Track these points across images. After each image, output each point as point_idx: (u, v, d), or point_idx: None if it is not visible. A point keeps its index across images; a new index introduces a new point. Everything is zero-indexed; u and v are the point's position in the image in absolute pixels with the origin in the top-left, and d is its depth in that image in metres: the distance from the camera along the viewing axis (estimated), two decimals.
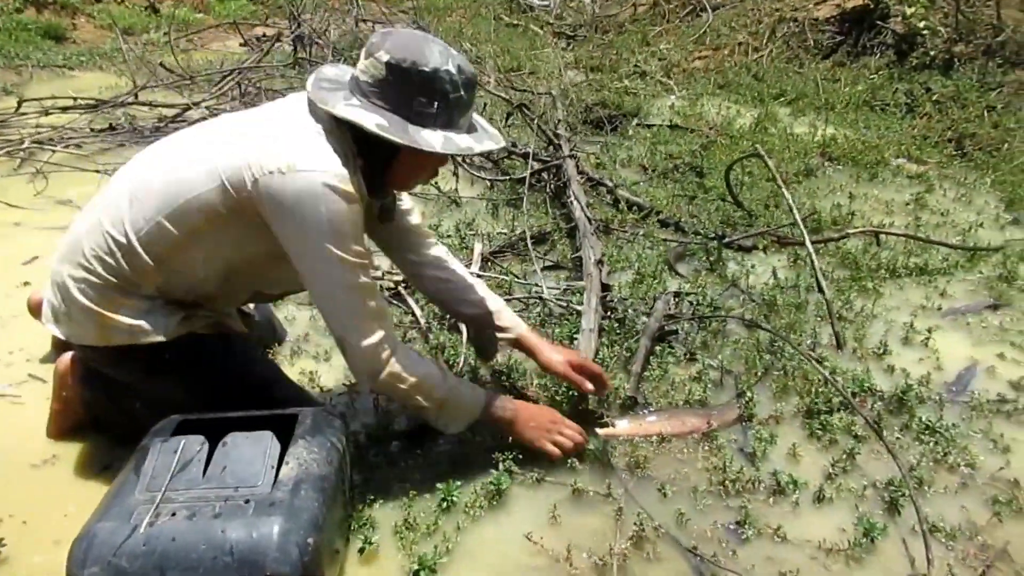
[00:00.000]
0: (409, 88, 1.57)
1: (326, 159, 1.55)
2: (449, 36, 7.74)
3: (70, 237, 1.75)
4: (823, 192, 3.94)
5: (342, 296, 1.63)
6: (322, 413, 1.68)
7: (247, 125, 1.68)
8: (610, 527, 1.75)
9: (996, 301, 2.83)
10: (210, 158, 1.60)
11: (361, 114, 1.56)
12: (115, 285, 1.67)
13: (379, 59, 1.56)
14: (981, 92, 5.29)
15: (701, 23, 7.82)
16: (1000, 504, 1.83)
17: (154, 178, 1.66)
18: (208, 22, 8.90)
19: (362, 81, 1.60)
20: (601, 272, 2.65)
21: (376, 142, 1.58)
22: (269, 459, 1.43)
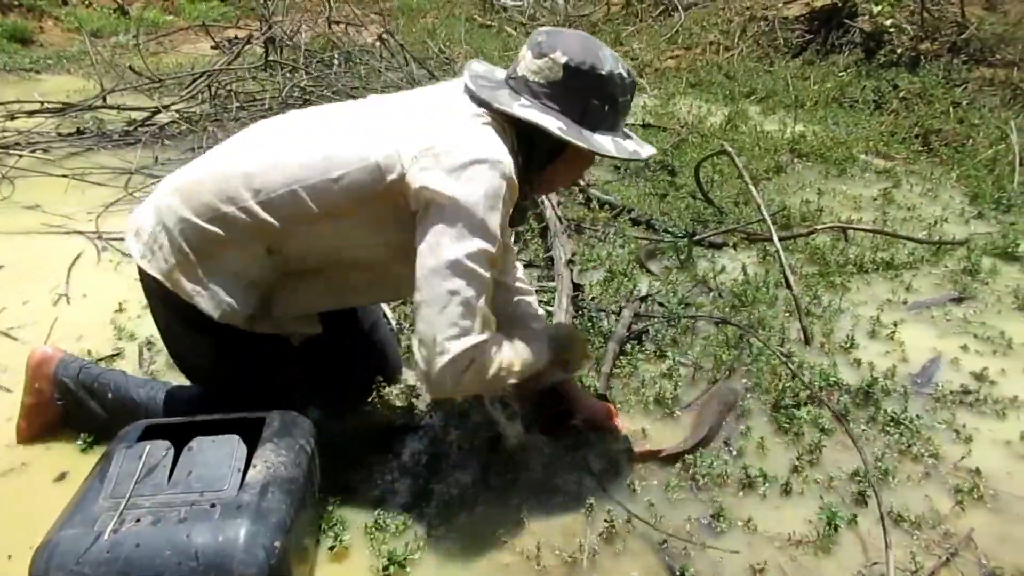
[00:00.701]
0: (585, 90, 1.57)
1: (496, 147, 1.52)
2: (422, 37, 7.74)
3: (191, 176, 1.66)
4: (792, 188, 3.98)
5: (464, 289, 1.49)
6: (290, 415, 1.67)
7: (406, 110, 1.65)
8: (580, 523, 1.76)
9: (960, 294, 2.88)
10: (364, 139, 1.56)
11: (541, 116, 1.55)
12: (220, 239, 1.59)
13: (556, 60, 1.55)
14: (946, 89, 5.39)
15: (673, 23, 7.88)
16: (962, 493, 1.87)
17: (297, 148, 1.59)
18: (178, 24, 8.81)
19: (532, 81, 1.59)
20: (572, 272, 2.66)
21: (540, 142, 1.59)
22: (236, 462, 1.43)
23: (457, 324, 1.50)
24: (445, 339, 1.50)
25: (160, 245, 1.62)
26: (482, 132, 1.54)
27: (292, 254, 1.63)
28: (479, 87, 1.60)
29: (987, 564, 1.67)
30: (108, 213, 3.56)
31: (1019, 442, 2.07)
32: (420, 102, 1.67)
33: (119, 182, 3.98)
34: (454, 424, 2.10)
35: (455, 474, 1.91)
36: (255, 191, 1.56)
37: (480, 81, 1.62)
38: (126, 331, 2.53)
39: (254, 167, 1.58)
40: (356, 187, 1.53)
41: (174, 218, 1.61)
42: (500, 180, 1.50)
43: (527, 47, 1.62)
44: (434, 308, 1.49)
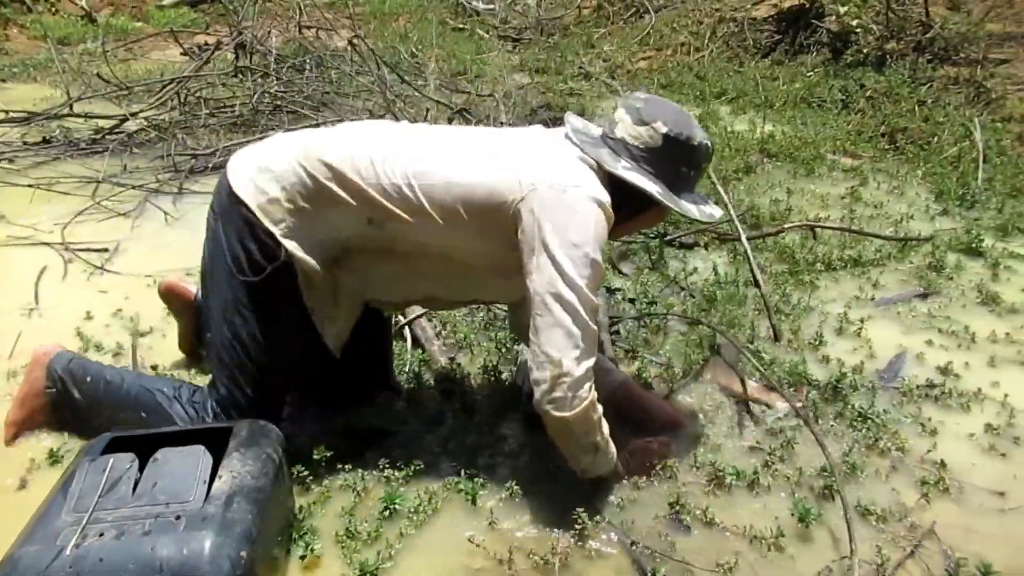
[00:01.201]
0: (679, 159, 1.75)
1: (602, 191, 1.67)
2: (394, 40, 7.71)
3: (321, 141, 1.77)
4: (762, 188, 4.02)
5: (582, 312, 1.61)
6: (258, 424, 1.67)
7: (519, 144, 1.79)
8: (551, 525, 1.77)
9: (925, 290, 2.92)
10: (483, 160, 1.70)
11: (642, 180, 1.71)
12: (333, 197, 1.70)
13: (657, 129, 1.72)
14: (912, 87, 5.46)
15: (644, 24, 7.92)
16: (928, 485, 1.90)
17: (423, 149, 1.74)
18: (147, 31, 8.70)
19: (632, 145, 1.74)
20: None
21: (632, 199, 1.74)
22: (201, 473, 1.42)
23: (580, 346, 1.62)
24: (571, 360, 1.61)
25: (272, 180, 1.71)
26: (591, 176, 1.69)
27: (389, 232, 1.73)
28: (582, 142, 1.75)
29: (951, 555, 1.70)
30: (75, 223, 3.52)
31: (983, 434, 2.11)
32: (530, 141, 1.82)
33: (86, 191, 3.93)
34: (427, 430, 2.10)
35: (427, 479, 1.91)
36: (377, 173, 1.68)
37: (582, 136, 1.77)
38: (93, 341, 2.50)
39: (383, 153, 1.71)
40: (469, 200, 1.67)
41: (296, 165, 1.71)
42: (605, 220, 1.65)
43: (626, 112, 1.76)
44: (559, 330, 1.61)
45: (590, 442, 1.74)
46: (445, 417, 2.14)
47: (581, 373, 1.62)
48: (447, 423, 2.13)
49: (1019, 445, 2.08)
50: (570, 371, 1.61)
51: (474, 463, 1.96)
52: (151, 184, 4.01)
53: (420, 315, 2.55)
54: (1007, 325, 2.68)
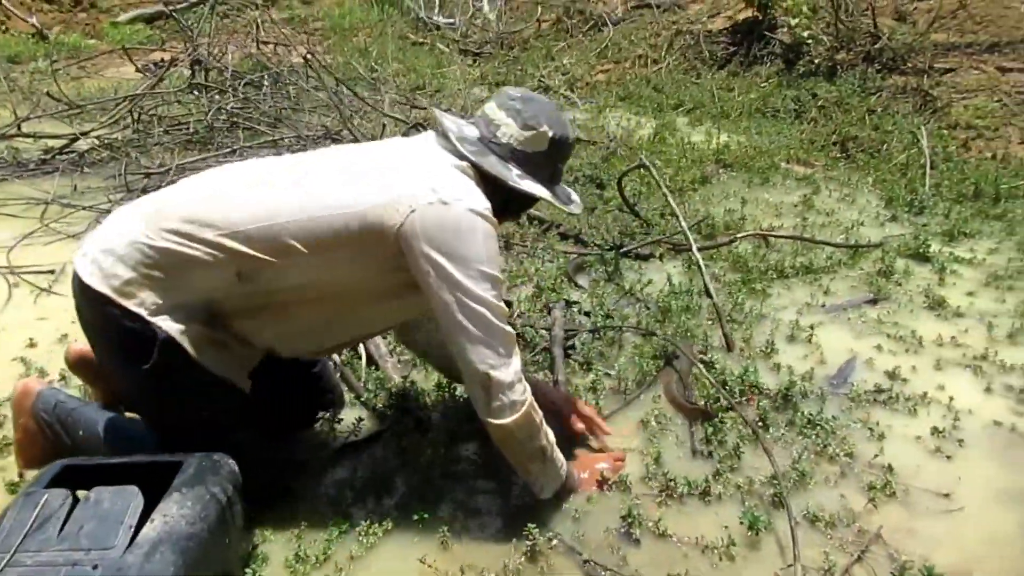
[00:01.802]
0: (559, 157, 1.83)
1: (478, 195, 1.66)
2: (354, 56, 7.69)
3: (164, 202, 1.70)
4: (717, 198, 4.08)
5: (495, 322, 1.62)
6: (209, 459, 1.61)
7: (393, 161, 1.74)
8: (504, 542, 1.76)
9: (875, 295, 2.98)
10: (350, 185, 1.64)
11: (536, 188, 1.76)
12: (189, 259, 1.60)
13: (543, 134, 1.74)
14: (862, 97, 5.59)
15: (603, 38, 8.01)
16: (875, 490, 1.92)
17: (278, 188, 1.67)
18: (101, 48, 8.58)
19: (519, 151, 1.75)
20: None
21: (516, 199, 1.78)
22: (130, 517, 1.36)
23: (500, 353, 1.63)
24: (496, 369, 1.63)
25: (117, 262, 1.61)
26: (468, 185, 1.68)
27: (263, 284, 1.64)
28: (468, 151, 1.72)
29: (897, 558, 1.72)
30: (22, 246, 3.44)
31: (929, 437, 2.15)
32: (400, 155, 1.78)
33: (35, 213, 3.85)
34: (380, 448, 2.08)
35: (378, 499, 1.89)
36: (231, 221, 1.60)
37: (465, 144, 1.73)
38: (37, 366, 2.44)
39: (232, 202, 1.64)
40: (341, 229, 1.60)
41: (139, 239, 1.61)
42: (491, 227, 1.65)
43: (507, 114, 1.75)
44: (477, 345, 1.62)
45: (536, 447, 1.74)
46: (399, 435, 2.12)
47: (509, 378, 1.64)
48: (401, 441, 2.11)
49: (963, 447, 2.11)
50: (498, 379, 1.63)
51: (427, 482, 1.94)
52: (102, 205, 3.94)
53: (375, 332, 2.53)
54: (952, 328, 2.74)
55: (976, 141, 4.85)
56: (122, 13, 10.29)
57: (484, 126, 1.77)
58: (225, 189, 1.69)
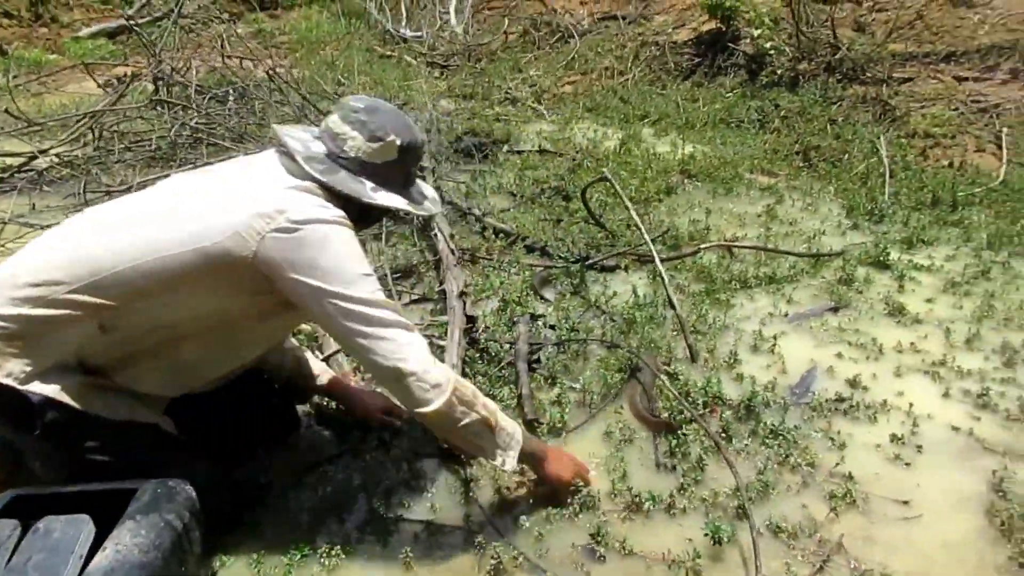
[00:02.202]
0: (412, 162, 1.82)
1: (325, 208, 1.64)
2: (322, 69, 7.66)
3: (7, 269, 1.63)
4: (682, 209, 4.11)
5: (382, 315, 1.62)
6: (164, 486, 1.59)
7: (233, 184, 1.70)
8: (469, 562, 1.75)
9: (836, 304, 3.02)
10: (193, 219, 1.59)
11: (392, 199, 1.75)
12: (48, 320, 1.56)
13: (391, 143, 1.73)
14: (823, 106, 5.69)
15: (569, 49, 8.06)
16: (836, 499, 1.94)
17: (121, 232, 1.61)
18: (62, 63, 8.45)
19: (369, 163, 1.73)
20: (464, 304, 2.66)
21: (367, 213, 1.78)
22: (81, 547, 1.34)
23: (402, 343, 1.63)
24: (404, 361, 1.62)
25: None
26: (311, 200, 1.64)
27: (128, 331, 1.62)
28: (317, 171, 1.68)
29: (857, 567, 1.74)
30: None
31: (888, 444, 2.18)
32: (244, 177, 1.73)
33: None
34: (342, 468, 2.06)
35: (339, 521, 1.87)
36: (79, 276, 1.56)
37: (315, 165, 1.69)
38: None
39: (77, 253, 1.59)
40: (190, 266, 1.57)
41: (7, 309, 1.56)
42: (347, 231, 1.65)
43: (351, 127, 1.72)
44: (378, 343, 1.62)
45: (477, 420, 1.72)
46: (359, 455, 2.10)
47: (420, 364, 1.64)
48: (363, 460, 2.09)
49: (922, 453, 2.15)
50: (409, 368, 1.62)
51: (389, 501, 1.93)
52: (61, 224, 3.86)
53: (337, 351, 2.51)
54: (912, 335, 2.78)
55: (934, 149, 4.96)
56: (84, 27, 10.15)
57: (330, 141, 1.74)
58: (72, 239, 1.64)
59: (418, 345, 1.66)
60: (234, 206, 1.61)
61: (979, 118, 5.15)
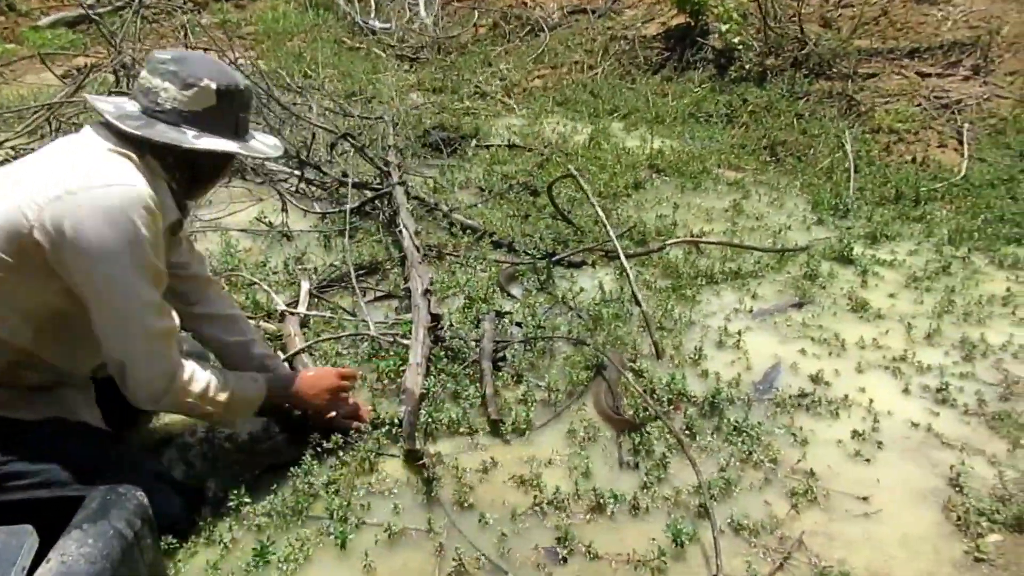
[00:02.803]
0: (236, 107, 1.73)
1: (120, 173, 1.57)
2: (289, 61, 7.55)
3: None
4: (650, 204, 4.11)
5: (136, 315, 1.59)
6: (114, 492, 1.53)
7: (27, 167, 1.65)
8: (430, 564, 1.73)
9: (800, 299, 3.04)
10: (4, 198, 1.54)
11: (216, 143, 1.68)
12: None
13: (207, 88, 1.66)
14: (790, 101, 5.72)
15: (539, 43, 8.03)
16: (798, 496, 1.96)
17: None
18: (21, 53, 8.23)
19: (187, 111, 1.66)
20: (429, 303, 2.63)
21: (201, 166, 1.75)
22: (23, 559, 1.29)
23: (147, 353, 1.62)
24: (140, 366, 1.63)
25: None
26: (111, 167, 1.58)
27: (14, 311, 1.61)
28: (132, 127, 1.62)
29: (818, 564, 1.75)
30: None
31: (849, 440, 2.20)
32: (49, 155, 1.67)
33: None
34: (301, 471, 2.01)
35: (299, 524, 1.84)
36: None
37: (130, 122, 1.63)
38: None
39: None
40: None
41: None
42: (132, 207, 1.54)
43: (163, 79, 1.65)
44: (123, 342, 1.61)
45: (205, 412, 1.78)
46: (320, 456, 2.07)
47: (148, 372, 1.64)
48: (323, 463, 2.05)
49: (882, 449, 2.17)
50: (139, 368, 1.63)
51: (350, 503, 1.90)
52: None
53: (301, 350, 2.47)
54: (874, 330, 2.81)
55: (897, 145, 5.01)
56: (43, 17, 9.88)
57: (143, 97, 1.66)
58: None
59: (156, 341, 1.63)
60: (28, 183, 1.55)
61: (941, 114, 5.21)
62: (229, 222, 3.72)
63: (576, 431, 2.21)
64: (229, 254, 3.27)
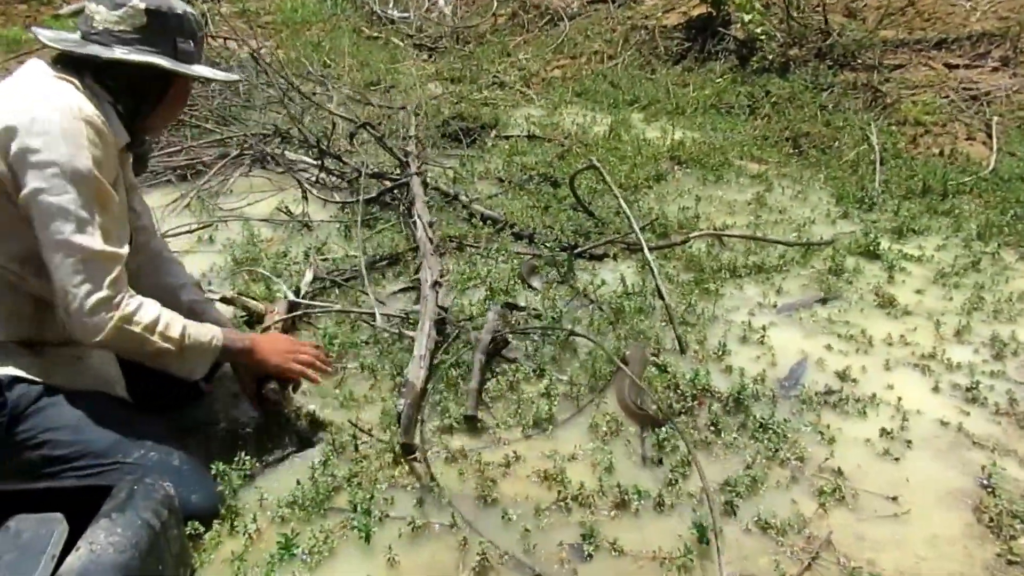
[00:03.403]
0: (170, 30, 1.74)
1: (62, 94, 1.60)
2: (307, 50, 7.54)
3: None
4: (672, 196, 4.07)
5: (76, 232, 1.57)
6: (142, 483, 1.54)
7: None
8: (453, 561, 1.72)
9: (825, 294, 3.00)
10: None
11: (144, 56, 1.69)
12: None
13: (136, 7, 1.69)
14: (814, 93, 5.64)
15: (558, 32, 7.97)
16: (825, 495, 1.93)
17: None
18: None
19: (117, 31, 1.69)
20: (437, 294, 2.61)
21: (145, 85, 1.74)
22: (52, 547, 1.29)
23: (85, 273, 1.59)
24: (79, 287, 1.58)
25: None
26: (48, 87, 1.61)
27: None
28: (63, 45, 1.67)
29: (847, 564, 1.73)
30: None
31: (877, 439, 2.16)
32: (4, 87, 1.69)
33: None
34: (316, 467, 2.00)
35: (322, 517, 1.83)
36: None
37: (63, 42, 1.68)
38: None
39: None
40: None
41: None
42: (79, 123, 1.58)
43: (98, 3, 1.69)
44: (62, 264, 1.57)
45: (153, 350, 1.71)
46: (341, 449, 2.06)
47: (88, 294, 1.59)
48: (345, 454, 2.05)
49: (911, 448, 2.13)
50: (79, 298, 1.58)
51: (373, 497, 1.89)
52: None
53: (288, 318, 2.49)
54: (902, 327, 2.77)
55: (924, 137, 4.93)
56: (64, 5, 9.93)
57: (83, 23, 1.72)
58: None
59: (97, 261, 1.60)
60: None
61: (970, 106, 5.13)
62: (250, 212, 3.71)
63: (599, 425, 2.19)
64: (251, 244, 3.26)
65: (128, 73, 1.71)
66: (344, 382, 2.38)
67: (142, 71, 1.71)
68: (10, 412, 1.62)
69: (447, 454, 2.05)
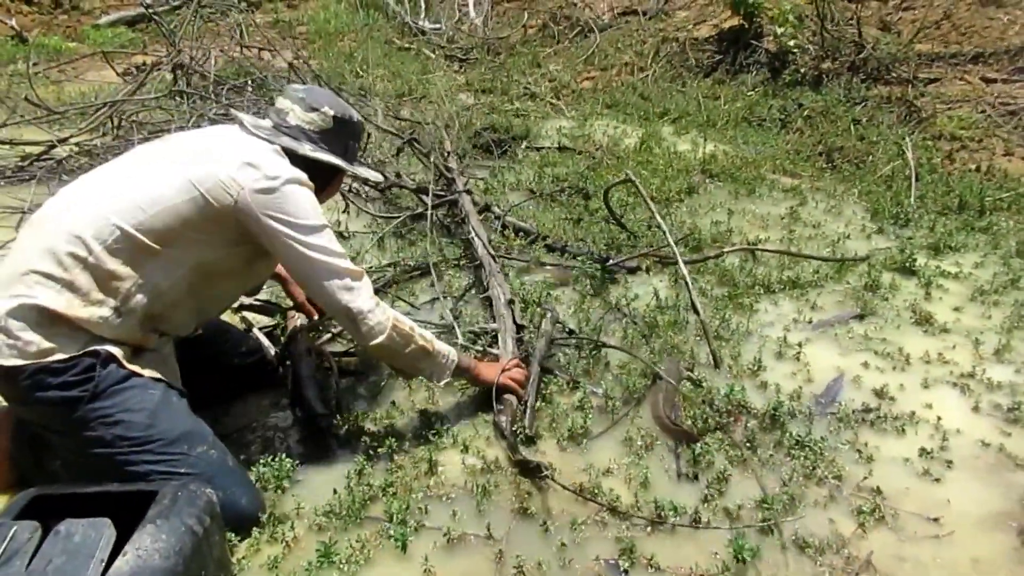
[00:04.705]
0: (347, 135, 2.11)
1: (295, 170, 1.91)
2: (340, 61, 7.63)
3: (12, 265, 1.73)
4: (704, 209, 4.06)
5: (336, 263, 1.90)
6: (186, 489, 1.57)
7: (207, 144, 1.93)
8: (489, 571, 1.72)
9: (861, 311, 2.96)
10: (180, 173, 1.79)
11: (327, 156, 2.04)
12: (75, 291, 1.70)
13: (326, 113, 2.04)
14: (847, 106, 5.60)
15: (589, 44, 8.00)
16: (864, 514, 1.90)
17: (116, 192, 1.78)
18: (82, 51, 8.45)
19: (308, 130, 2.03)
20: (513, 312, 2.63)
21: (313, 173, 1.97)
22: (101, 552, 1.31)
23: (352, 287, 1.93)
24: (355, 301, 1.93)
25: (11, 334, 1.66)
26: (282, 161, 1.92)
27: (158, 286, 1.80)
28: (262, 135, 1.97)
29: None
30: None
31: (917, 459, 2.13)
32: (211, 141, 1.96)
33: (11, 222, 3.76)
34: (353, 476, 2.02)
35: (359, 525, 1.85)
36: (92, 242, 1.71)
37: (262, 130, 1.99)
38: None
39: (84, 221, 1.73)
40: (182, 216, 1.77)
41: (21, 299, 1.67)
42: (310, 191, 1.92)
43: (292, 103, 2.03)
44: (332, 286, 1.91)
45: (415, 351, 2.06)
46: (378, 458, 2.08)
47: (368, 305, 1.95)
48: (379, 460, 2.07)
49: (952, 468, 2.10)
50: (360, 309, 1.93)
51: (409, 506, 1.90)
52: None
53: None
54: (939, 344, 2.73)
55: (960, 152, 4.87)
56: (103, 15, 10.15)
57: (275, 116, 2.04)
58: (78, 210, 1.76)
59: (364, 290, 1.95)
60: (212, 164, 1.82)
61: (1007, 121, 5.05)
62: None
63: (633, 439, 2.18)
64: None
65: (307, 163, 1.98)
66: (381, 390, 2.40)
67: (319, 163, 2.01)
68: (94, 387, 1.70)
69: (483, 464, 2.06)
